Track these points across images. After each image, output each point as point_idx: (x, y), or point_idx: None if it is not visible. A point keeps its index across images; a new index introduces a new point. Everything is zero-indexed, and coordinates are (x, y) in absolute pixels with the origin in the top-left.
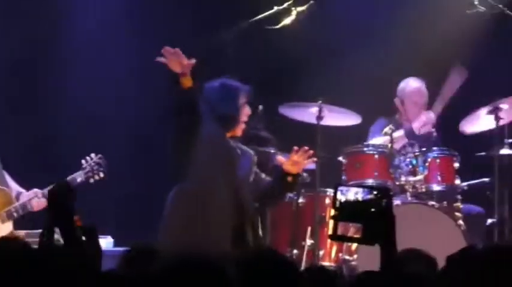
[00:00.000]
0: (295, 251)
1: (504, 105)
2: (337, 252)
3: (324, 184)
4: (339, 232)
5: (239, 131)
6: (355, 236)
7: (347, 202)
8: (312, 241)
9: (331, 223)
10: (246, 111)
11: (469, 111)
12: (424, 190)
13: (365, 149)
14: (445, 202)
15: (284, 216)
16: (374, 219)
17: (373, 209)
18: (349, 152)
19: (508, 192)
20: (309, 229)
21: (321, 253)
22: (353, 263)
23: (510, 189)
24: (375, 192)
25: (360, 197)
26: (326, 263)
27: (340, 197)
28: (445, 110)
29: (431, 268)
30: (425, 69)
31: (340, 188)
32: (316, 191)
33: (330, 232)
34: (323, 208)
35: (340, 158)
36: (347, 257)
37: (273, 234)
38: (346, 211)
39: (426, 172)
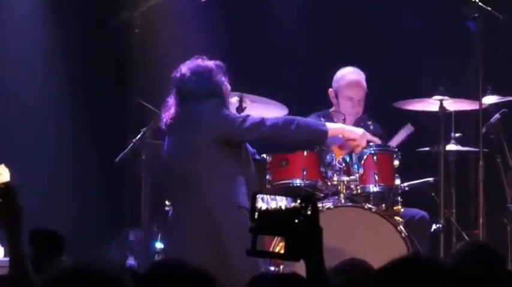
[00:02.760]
0: None
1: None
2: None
3: None
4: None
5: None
6: (278, 251)
7: (267, 212)
8: None
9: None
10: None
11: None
12: (359, 191)
13: None
14: (383, 205)
15: None
16: (298, 231)
17: (296, 220)
18: None
19: (455, 193)
20: None
21: None
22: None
23: (457, 190)
24: (299, 200)
25: (282, 205)
26: None
27: (260, 207)
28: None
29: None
30: (362, 59)
31: (259, 196)
32: None
33: (250, 247)
34: None
35: (264, 156)
36: (272, 268)
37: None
38: (266, 223)
39: (362, 171)
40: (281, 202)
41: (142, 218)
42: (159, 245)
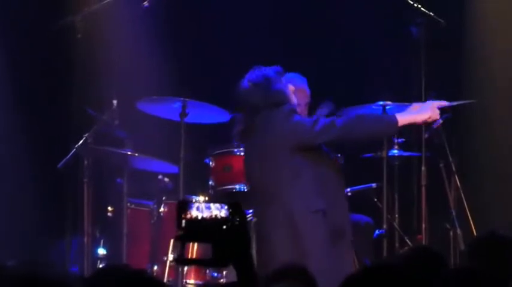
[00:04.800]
0: (155, 267)
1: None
2: (203, 268)
3: (189, 190)
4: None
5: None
6: (205, 258)
7: (194, 220)
8: (175, 256)
9: (176, 244)
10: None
11: None
12: None
13: (235, 150)
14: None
15: (143, 227)
16: (225, 237)
17: (224, 227)
18: (217, 154)
19: (398, 198)
20: (172, 241)
21: (185, 269)
22: (222, 280)
23: (400, 195)
24: (226, 207)
25: (209, 213)
26: (191, 281)
27: (188, 214)
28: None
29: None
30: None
31: (186, 204)
32: (179, 198)
33: (176, 255)
34: None
35: (207, 161)
36: (215, 274)
37: (130, 247)
38: (193, 230)
39: None
40: (216, 211)
41: (84, 224)
42: (101, 251)
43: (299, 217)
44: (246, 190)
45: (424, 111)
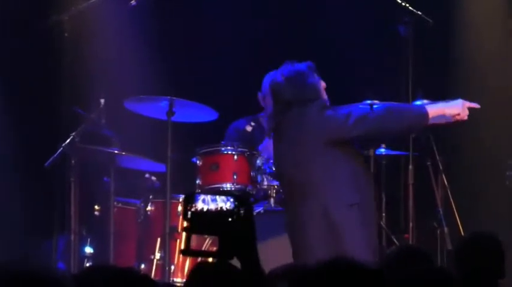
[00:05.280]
0: (142, 265)
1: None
2: (190, 267)
3: (176, 189)
4: (194, 245)
5: None
6: (211, 250)
7: (200, 212)
8: (162, 254)
9: (183, 235)
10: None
11: None
12: None
13: (222, 148)
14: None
15: (129, 225)
16: (231, 230)
17: (230, 219)
18: (204, 153)
19: (385, 197)
20: (159, 240)
21: (172, 267)
22: None
23: (387, 193)
24: (232, 199)
25: (215, 205)
26: (178, 280)
27: (193, 206)
28: None
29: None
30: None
31: (192, 195)
32: (166, 197)
33: (183, 246)
34: (175, 217)
35: (195, 160)
36: None
37: (117, 246)
38: (200, 222)
39: None
40: (222, 203)
41: (71, 223)
42: (88, 249)
43: (336, 211)
44: (232, 189)
45: (455, 106)
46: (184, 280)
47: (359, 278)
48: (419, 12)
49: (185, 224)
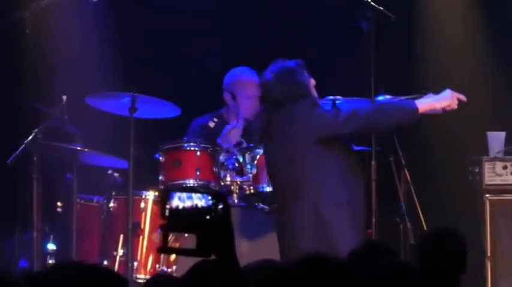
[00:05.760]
0: (105, 262)
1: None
2: (153, 263)
3: (139, 185)
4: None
5: None
6: (189, 247)
7: (177, 210)
8: (125, 251)
9: (160, 233)
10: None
11: None
12: (252, 191)
13: (185, 145)
14: (276, 205)
15: (92, 222)
16: (209, 228)
17: (208, 217)
18: (167, 149)
19: None
20: (121, 237)
21: (135, 264)
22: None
23: None
24: (209, 196)
25: (191, 202)
26: (141, 276)
27: (170, 204)
28: None
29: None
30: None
31: (169, 193)
32: (129, 194)
33: (160, 244)
34: (137, 214)
35: (157, 156)
36: (165, 268)
37: (79, 243)
38: (177, 220)
39: (255, 171)
40: (197, 200)
41: (34, 220)
42: (51, 246)
43: (325, 209)
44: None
45: (444, 99)
46: (147, 276)
47: (323, 273)
48: (381, 8)
49: (162, 221)
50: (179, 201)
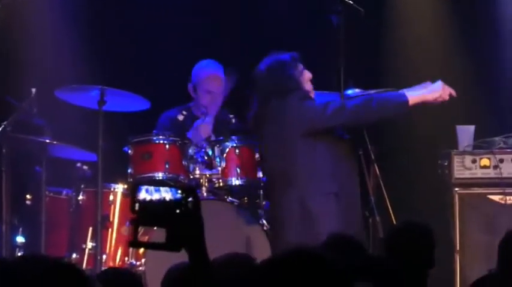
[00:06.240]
0: (74, 255)
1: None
2: (122, 256)
3: (108, 178)
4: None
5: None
6: (158, 241)
7: (148, 203)
8: (94, 244)
9: (130, 227)
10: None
11: None
12: (221, 184)
13: (154, 138)
14: (245, 198)
15: (61, 215)
16: (179, 222)
17: (178, 211)
18: (136, 142)
19: None
20: (90, 229)
21: (104, 257)
22: (140, 268)
23: None
24: (179, 190)
25: (159, 196)
26: None
27: (140, 198)
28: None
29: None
30: (225, 53)
31: (140, 187)
32: (98, 186)
33: (130, 238)
34: (106, 206)
35: (126, 149)
36: (134, 261)
37: (48, 235)
38: (147, 214)
39: (224, 164)
40: (165, 193)
41: (3, 212)
42: (20, 239)
43: (312, 200)
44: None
45: (435, 90)
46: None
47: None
48: (350, 1)
49: (132, 215)
50: (147, 194)
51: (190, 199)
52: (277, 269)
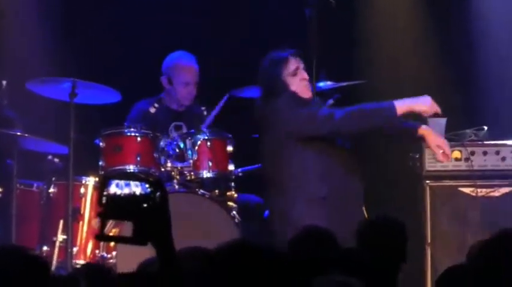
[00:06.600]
0: (45, 247)
1: None
2: (93, 249)
3: (79, 171)
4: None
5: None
6: (126, 235)
7: (115, 197)
8: (65, 237)
9: (98, 221)
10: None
11: None
12: (193, 177)
13: (125, 130)
14: (217, 191)
15: (32, 207)
16: (146, 216)
17: (145, 205)
18: (108, 134)
19: None
20: (61, 222)
21: (75, 249)
22: (111, 261)
23: None
24: (147, 184)
25: (129, 190)
26: (81, 261)
27: (108, 191)
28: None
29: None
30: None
31: (107, 180)
32: (69, 179)
33: (98, 231)
34: (77, 199)
35: (98, 141)
36: (105, 254)
37: (19, 228)
38: (114, 207)
39: (195, 157)
40: (135, 187)
41: None
42: None
43: (299, 205)
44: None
45: (423, 103)
46: (86, 261)
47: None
48: None
49: (100, 209)
50: (117, 188)
51: (158, 193)
52: (222, 264)
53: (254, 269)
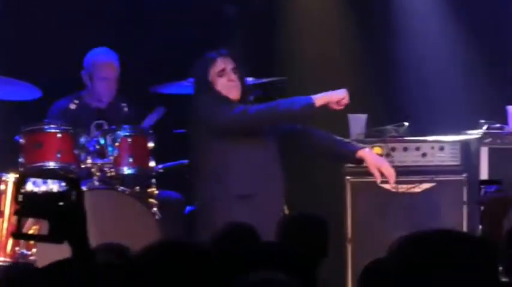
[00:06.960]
0: None
1: None
2: (13, 246)
3: None
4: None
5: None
6: (42, 233)
7: (31, 195)
8: None
9: (14, 219)
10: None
11: None
12: (113, 173)
13: (46, 127)
14: (137, 187)
15: None
16: (61, 214)
17: (61, 203)
18: (28, 131)
19: None
20: None
21: None
22: (31, 258)
23: None
24: (64, 183)
25: (46, 188)
26: (1, 259)
27: (24, 189)
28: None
29: (123, 257)
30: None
31: (24, 178)
32: None
33: (15, 229)
34: None
35: (18, 138)
36: (25, 251)
37: None
38: (30, 205)
39: (116, 153)
40: (52, 185)
41: None
42: None
43: (219, 202)
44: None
45: (339, 93)
46: (7, 259)
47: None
48: None
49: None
50: (34, 186)
51: (74, 192)
52: (144, 261)
53: (178, 266)
